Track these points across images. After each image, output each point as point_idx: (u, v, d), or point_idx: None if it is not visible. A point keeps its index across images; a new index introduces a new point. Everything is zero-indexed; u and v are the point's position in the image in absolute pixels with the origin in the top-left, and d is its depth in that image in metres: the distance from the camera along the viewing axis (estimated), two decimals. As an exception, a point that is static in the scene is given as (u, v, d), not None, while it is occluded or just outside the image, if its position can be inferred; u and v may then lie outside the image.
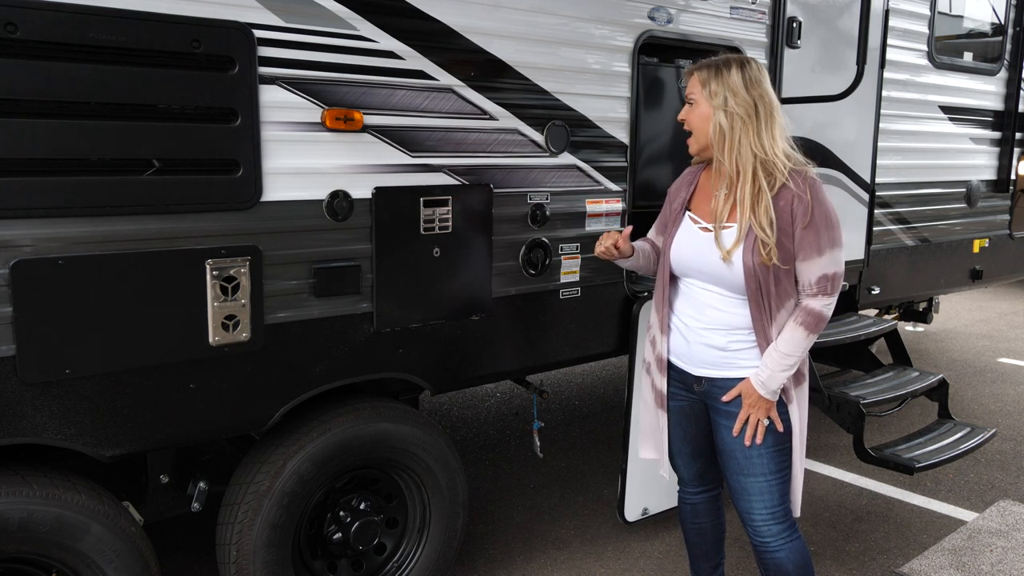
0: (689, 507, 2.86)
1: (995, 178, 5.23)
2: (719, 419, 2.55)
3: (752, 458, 2.49)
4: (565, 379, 6.13)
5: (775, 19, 3.70)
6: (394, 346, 2.76)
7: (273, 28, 2.36)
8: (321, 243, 2.55)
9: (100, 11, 2.07)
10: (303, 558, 2.84)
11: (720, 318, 2.48)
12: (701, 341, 2.52)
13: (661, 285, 2.62)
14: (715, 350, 2.50)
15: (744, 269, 2.38)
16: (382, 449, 2.82)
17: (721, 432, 2.55)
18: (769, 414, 2.44)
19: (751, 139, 2.40)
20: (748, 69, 2.45)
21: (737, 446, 2.50)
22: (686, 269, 2.54)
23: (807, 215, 2.36)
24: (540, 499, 4.14)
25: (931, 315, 6.04)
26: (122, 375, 2.25)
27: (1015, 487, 4.32)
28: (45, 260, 2.09)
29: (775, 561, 2.56)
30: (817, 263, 2.38)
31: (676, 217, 2.60)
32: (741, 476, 2.52)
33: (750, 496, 2.52)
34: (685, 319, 2.57)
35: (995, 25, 5.03)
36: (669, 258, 2.57)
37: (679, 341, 2.60)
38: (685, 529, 2.92)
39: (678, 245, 2.55)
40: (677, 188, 2.69)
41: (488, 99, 2.84)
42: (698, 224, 2.52)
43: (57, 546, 2.23)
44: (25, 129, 2.02)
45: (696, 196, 2.59)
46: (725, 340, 2.49)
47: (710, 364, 2.53)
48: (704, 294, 2.51)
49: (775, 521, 2.52)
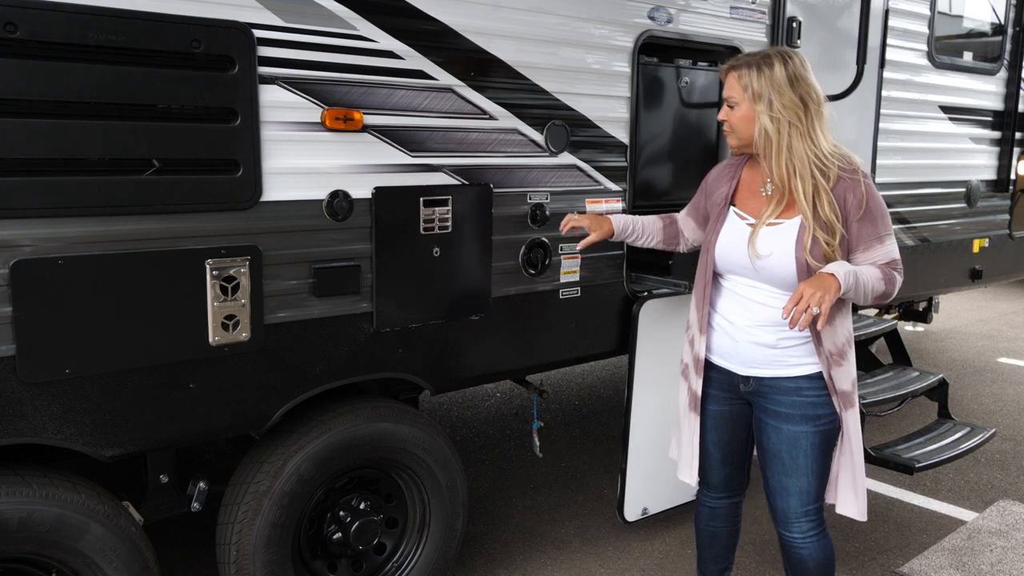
0: (707, 510, 2.83)
1: (995, 178, 5.23)
2: (766, 419, 2.51)
3: (798, 459, 2.46)
4: (565, 379, 6.13)
5: (775, 19, 3.70)
6: (394, 346, 2.76)
7: (273, 28, 2.36)
8: (321, 243, 2.55)
9: (100, 11, 2.07)
10: (303, 558, 2.84)
11: (769, 315, 2.43)
12: (749, 339, 2.47)
13: (702, 283, 2.56)
14: (765, 348, 2.45)
15: (797, 265, 2.33)
16: (382, 449, 2.82)
17: (768, 432, 2.51)
18: (822, 304, 2.16)
19: (803, 141, 2.32)
20: (791, 63, 2.34)
21: (784, 447, 2.46)
22: (732, 266, 2.48)
23: (861, 206, 2.32)
24: (540, 499, 4.14)
25: (931, 315, 6.04)
26: (122, 375, 2.25)
27: (1015, 487, 4.32)
28: (45, 260, 2.09)
29: (799, 557, 2.56)
30: (879, 251, 2.37)
31: (719, 213, 2.52)
32: (783, 476, 2.50)
33: (788, 495, 2.51)
34: (731, 317, 2.51)
35: (995, 25, 5.03)
36: (713, 255, 2.50)
37: (724, 340, 2.54)
38: (699, 530, 2.89)
39: (724, 242, 2.48)
40: (716, 180, 2.62)
41: (488, 99, 2.84)
42: (745, 220, 2.46)
43: (57, 546, 2.22)
44: (25, 129, 2.02)
45: (740, 191, 2.52)
46: (775, 337, 2.43)
47: (759, 363, 2.48)
48: (750, 291, 2.46)
49: (808, 519, 2.52)
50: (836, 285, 2.21)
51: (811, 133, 2.34)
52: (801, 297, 2.18)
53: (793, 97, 2.32)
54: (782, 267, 2.37)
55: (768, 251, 2.38)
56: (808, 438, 2.46)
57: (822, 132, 2.35)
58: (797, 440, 2.47)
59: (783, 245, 2.37)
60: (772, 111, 2.32)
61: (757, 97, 2.34)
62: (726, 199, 2.53)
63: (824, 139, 2.35)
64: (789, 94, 2.32)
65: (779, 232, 2.39)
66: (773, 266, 2.38)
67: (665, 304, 3.41)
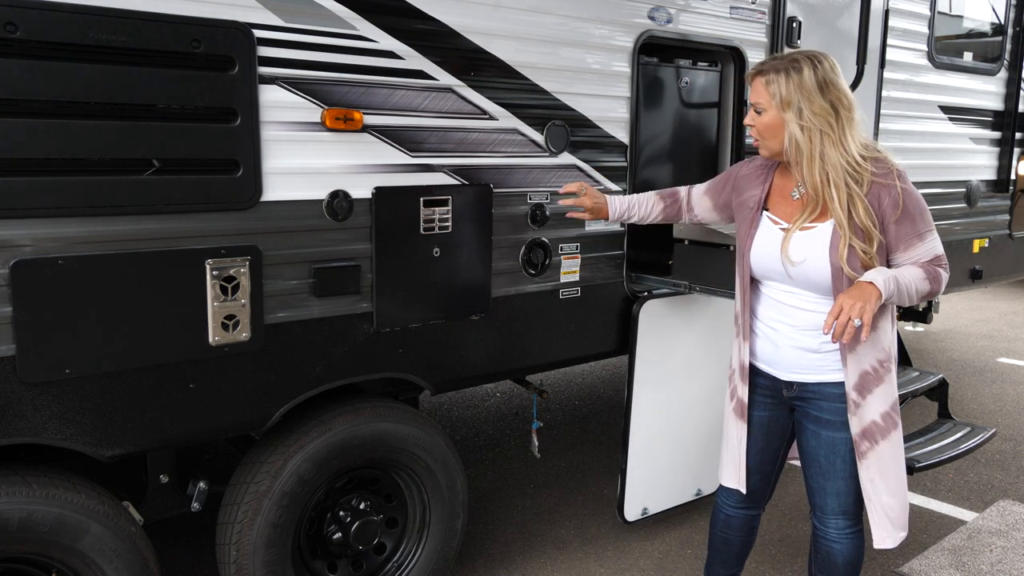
0: (723, 516, 2.80)
1: (995, 178, 5.23)
2: (807, 423, 2.51)
3: (835, 464, 2.46)
4: (565, 379, 6.13)
5: (775, 19, 3.70)
6: (394, 346, 2.76)
7: (273, 28, 2.36)
8: (321, 243, 2.55)
9: (100, 11, 2.07)
10: (303, 558, 2.84)
11: (809, 319, 2.40)
12: (791, 344, 2.45)
13: (741, 288, 2.53)
14: (807, 352, 2.43)
15: (832, 270, 2.29)
16: (382, 449, 2.82)
17: (807, 436, 2.52)
18: (863, 315, 2.14)
19: (836, 149, 2.25)
20: (821, 68, 2.25)
21: (822, 452, 2.47)
22: (768, 272, 2.45)
23: (898, 207, 2.26)
24: (540, 499, 4.14)
25: (931, 315, 6.03)
26: (122, 375, 2.25)
27: (1015, 487, 4.32)
28: (45, 260, 2.09)
29: (829, 551, 2.55)
30: (921, 248, 2.32)
31: (752, 217, 2.47)
32: (820, 478, 2.51)
33: (826, 494, 2.52)
34: (771, 323, 2.49)
35: (995, 25, 5.03)
36: (749, 261, 2.47)
37: (766, 346, 2.52)
38: (712, 534, 2.86)
39: (759, 248, 2.44)
40: (747, 179, 2.55)
41: (488, 99, 2.84)
42: (778, 225, 2.42)
43: (57, 546, 2.22)
44: (25, 129, 2.02)
45: (772, 195, 2.48)
46: (817, 342, 2.41)
47: (802, 368, 2.46)
48: (788, 296, 2.44)
49: (844, 516, 2.52)
50: (876, 293, 2.17)
51: (843, 140, 2.25)
52: (841, 309, 2.15)
53: (824, 104, 2.23)
54: (817, 272, 2.34)
55: (802, 257, 2.35)
56: (847, 443, 2.44)
57: (853, 138, 2.27)
58: (835, 446, 2.46)
59: (817, 250, 2.33)
60: (802, 119, 2.24)
61: (786, 104, 2.25)
62: (759, 203, 2.47)
63: (856, 144, 2.28)
64: (820, 101, 2.23)
65: (812, 237, 2.35)
66: (807, 271, 2.35)
67: (665, 304, 3.41)
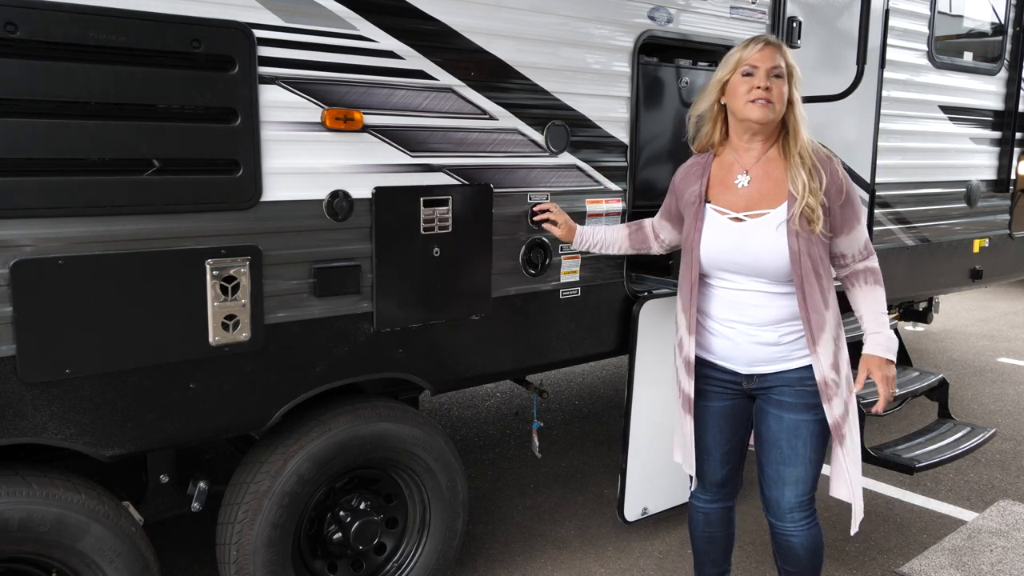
0: (702, 515, 2.81)
1: (995, 178, 5.23)
2: (769, 408, 2.53)
3: (797, 447, 2.49)
4: (565, 379, 6.13)
5: (775, 19, 3.70)
6: (394, 346, 2.76)
7: (273, 28, 2.36)
8: (321, 243, 2.55)
9: (100, 11, 2.07)
10: (303, 558, 2.84)
11: (765, 314, 2.45)
12: (751, 340, 2.48)
13: (688, 284, 2.55)
14: (767, 347, 2.47)
15: (790, 254, 2.36)
16: (382, 449, 2.82)
17: (769, 421, 2.53)
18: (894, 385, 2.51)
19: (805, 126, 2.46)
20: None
21: (784, 436, 2.50)
22: (721, 263, 2.48)
23: (842, 192, 2.42)
24: (540, 499, 4.14)
25: (931, 315, 6.04)
26: (122, 375, 2.25)
27: (1015, 487, 4.32)
28: (45, 260, 2.09)
29: (790, 545, 2.58)
30: (859, 231, 2.48)
31: (696, 211, 2.52)
32: (781, 465, 2.53)
33: (785, 485, 2.53)
34: (727, 323, 2.51)
35: (995, 25, 5.03)
36: (699, 255, 2.50)
37: (724, 344, 2.54)
38: (695, 537, 2.87)
39: (709, 240, 2.47)
40: (684, 179, 2.62)
41: (488, 99, 2.84)
42: (726, 215, 2.46)
43: (57, 546, 2.23)
44: (25, 129, 2.02)
45: (712, 187, 2.53)
46: (776, 335, 2.46)
47: (763, 361, 2.50)
48: (741, 294, 2.47)
49: (800, 509, 2.55)
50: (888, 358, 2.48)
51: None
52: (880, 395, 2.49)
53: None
54: (775, 259, 2.39)
55: (758, 244, 2.40)
56: (808, 426, 2.49)
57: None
58: (798, 428, 2.49)
59: (773, 236, 2.39)
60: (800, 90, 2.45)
61: (792, 75, 2.44)
62: (700, 197, 2.52)
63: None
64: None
65: (766, 223, 2.40)
66: (764, 259, 2.40)
67: (665, 304, 3.41)
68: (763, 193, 2.44)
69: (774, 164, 2.46)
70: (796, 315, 2.44)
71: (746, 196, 2.45)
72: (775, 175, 2.44)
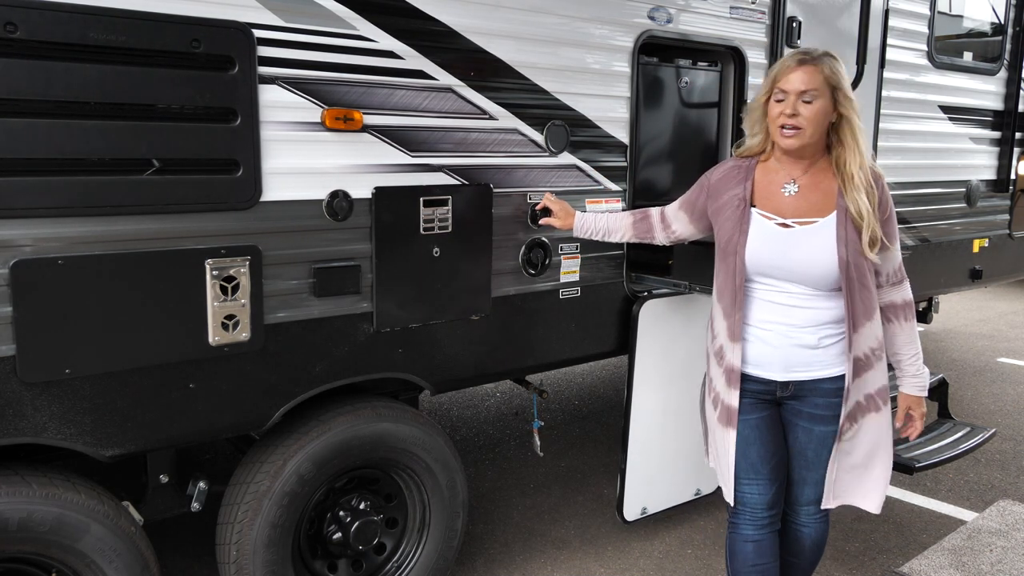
0: (752, 546, 2.53)
1: (995, 178, 5.23)
2: (799, 421, 2.53)
3: (821, 455, 2.54)
4: (565, 379, 6.13)
5: (775, 19, 3.70)
6: (394, 346, 2.76)
7: (273, 28, 2.36)
8: (321, 243, 2.55)
9: (100, 11, 2.07)
10: (303, 558, 2.84)
11: (808, 315, 2.43)
12: (790, 343, 2.44)
13: (731, 289, 2.48)
14: (807, 349, 2.44)
15: (839, 262, 2.35)
16: (382, 449, 2.82)
17: (797, 433, 2.54)
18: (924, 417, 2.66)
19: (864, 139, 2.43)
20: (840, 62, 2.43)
21: (811, 447, 2.54)
22: (765, 268, 2.44)
23: (885, 209, 2.44)
24: (540, 499, 4.14)
25: (931, 315, 6.04)
26: (122, 375, 2.25)
27: (1015, 487, 4.32)
28: (45, 260, 2.09)
29: (798, 536, 2.65)
30: (895, 249, 2.48)
31: (740, 216, 2.46)
32: (804, 470, 2.57)
33: (805, 484, 2.59)
34: (765, 325, 2.46)
35: (995, 25, 5.03)
36: (743, 259, 2.43)
37: (762, 349, 2.47)
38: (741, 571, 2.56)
39: (755, 245, 2.43)
40: (723, 181, 2.56)
41: (488, 99, 2.84)
42: (772, 220, 2.43)
43: (57, 546, 2.23)
44: (25, 129, 2.02)
45: (757, 192, 2.48)
46: (816, 338, 2.43)
47: (802, 365, 2.46)
48: (783, 296, 2.44)
49: (816, 504, 2.61)
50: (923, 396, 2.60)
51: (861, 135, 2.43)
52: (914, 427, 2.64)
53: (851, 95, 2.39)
54: (823, 267, 2.36)
55: (806, 251, 2.38)
56: (834, 435, 2.52)
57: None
58: (825, 439, 2.52)
59: (822, 244, 2.36)
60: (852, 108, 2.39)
61: (837, 89, 2.37)
62: (744, 200, 2.47)
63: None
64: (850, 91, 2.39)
65: (816, 231, 2.38)
66: (812, 266, 2.37)
67: (665, 304, 3.41)
68: (812, 203, 2.41)
69: (823, 175, 2.43)
70: (836, 319, 2.41)
71: (794, 204, 2.42)
72: (824, 186, 2.42)
